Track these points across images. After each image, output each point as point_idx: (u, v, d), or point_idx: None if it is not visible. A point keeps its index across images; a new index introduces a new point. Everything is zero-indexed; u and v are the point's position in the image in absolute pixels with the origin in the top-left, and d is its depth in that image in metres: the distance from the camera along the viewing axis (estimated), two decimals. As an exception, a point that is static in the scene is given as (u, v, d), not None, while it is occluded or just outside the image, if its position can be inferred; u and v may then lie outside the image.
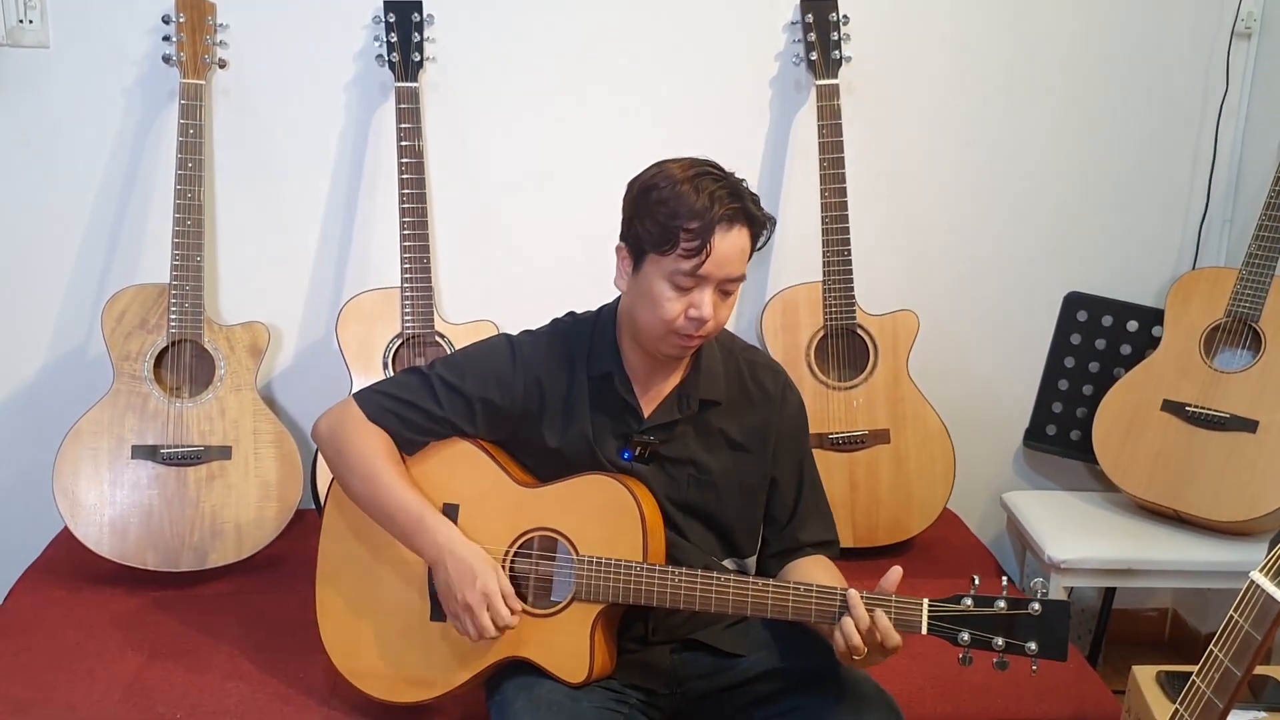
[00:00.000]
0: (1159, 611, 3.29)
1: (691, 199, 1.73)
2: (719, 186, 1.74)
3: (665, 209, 1.74)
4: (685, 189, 1.74)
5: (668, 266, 1.76)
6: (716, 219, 1.73)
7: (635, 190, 1.81)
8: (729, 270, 1.76)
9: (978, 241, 2.96)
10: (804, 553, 1.98)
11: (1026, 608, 1.65)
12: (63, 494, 2.44)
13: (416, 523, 1.85)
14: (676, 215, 1.73)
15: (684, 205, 1.73)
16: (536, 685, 1.83)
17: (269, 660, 2.17)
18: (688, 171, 1.76)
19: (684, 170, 1.77)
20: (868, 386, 2.70)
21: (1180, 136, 2.95)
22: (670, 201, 1.74)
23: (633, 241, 1.81)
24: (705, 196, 1.73)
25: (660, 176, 1.78)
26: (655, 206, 1.75)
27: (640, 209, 1.78)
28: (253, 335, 2.58)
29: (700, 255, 1.73)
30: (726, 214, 1.73)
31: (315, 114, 2.72)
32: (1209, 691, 1.40)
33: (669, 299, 1.77)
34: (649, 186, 1.78)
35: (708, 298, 1.77)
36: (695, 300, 1.77)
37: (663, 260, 1.76)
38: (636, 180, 1.82)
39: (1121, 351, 2.92)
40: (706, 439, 1.93)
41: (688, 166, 1.78)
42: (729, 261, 1.76)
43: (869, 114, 2.82)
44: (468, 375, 1.92)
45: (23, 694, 2.04)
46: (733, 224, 1.74)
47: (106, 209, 2.70)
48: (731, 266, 1.76)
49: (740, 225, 1.76)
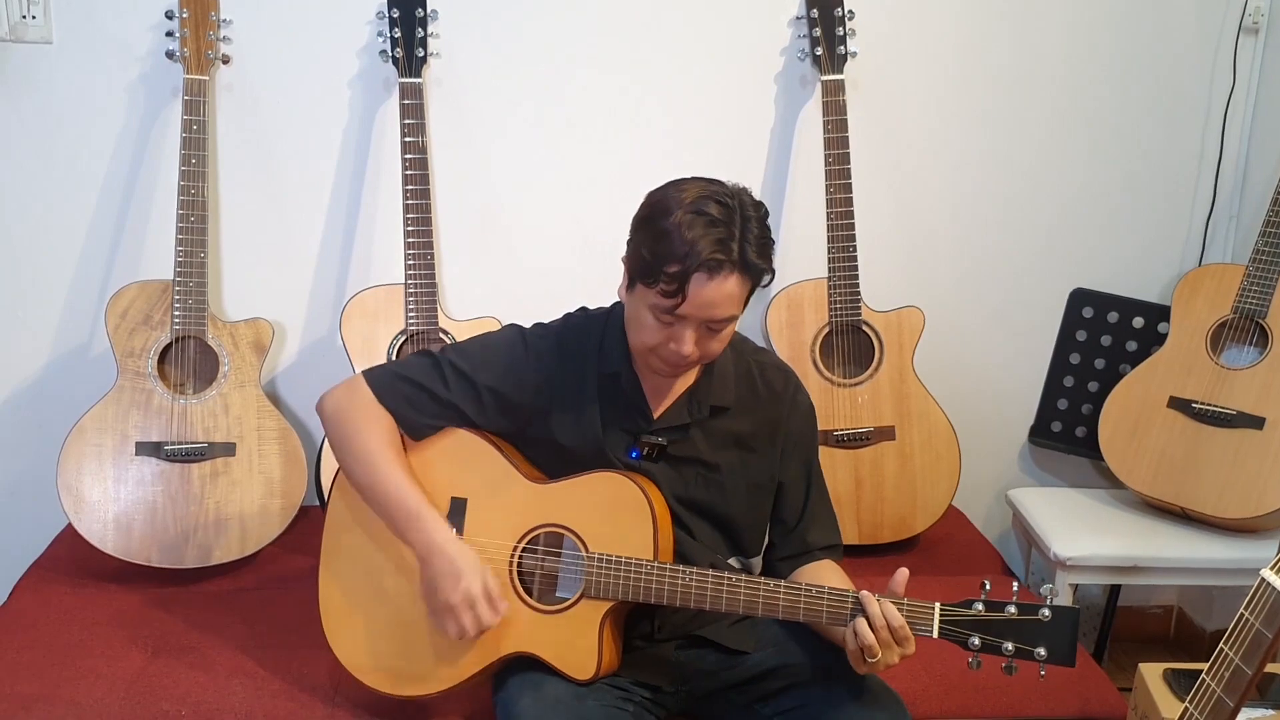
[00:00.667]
0: (1164, 609, 3.29)
1: (679, 238, 1.67)
2: (714, 231, 1.67)
3: (653, 243, 1.70)
4: (677, 225, 1.68)
5: (650, 299, 1.73)
6: (695, 267, 1.67)
7: (642, 211, 1.77)
8: (711, 314, 1.72)
9: (983, 237, 2.96)
10: (813, 556, 1.97)
11: (1037, 613, 1.65)
12: (67, 491, 2.44)
13: (411, 516, 1.84)
14: (659, 254, 1.69)
15: (671, 245, 1.68)
16: (542, 682, 1.83)
17: (273, 657, 2.17)
18: (690, 204, 1.69)
19: (690, 199, 1.70)
20: (873, 383, 2.69)
21: (1186, 132, 2.94)
22: (661, 237, 1.69)
23: (628, 261, 1.79)
24: (693, 238, 1.67)
25: (667, 200, 1.72)
26: (647, 237, 1.72)
27: (637, 234, 1.76)
28: (256, 332, 2.58)
29: (677, 298, 1.70)
30: (709, 263, 1.67)
31: (319, 109, 2.72)
32: (1219, 690, 1.39)
33: (650, 327, 1.76)
34: (651, 214, 1.74)
35: (688, 335, 1.74)
36: (676, 335, 1.74)
37: (647, 291, 1.73)
38: (648, 197, 1.78)
39: (1127, 348, 2.91)
40: (715, 439, 1.93)
41: (695, 196, 1.71)
42: (711, 306, 1.71)
43: (874, 109, 2.81)
44: (478, 363, 1.91)
45: (27, 690, 2.04)
46: (715, 273, 1.68)
47: (110, 205, 2.70)
48: (714, 310, 1.72)
49: (727, 274, 1.69)
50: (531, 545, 1.88)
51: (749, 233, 1.71)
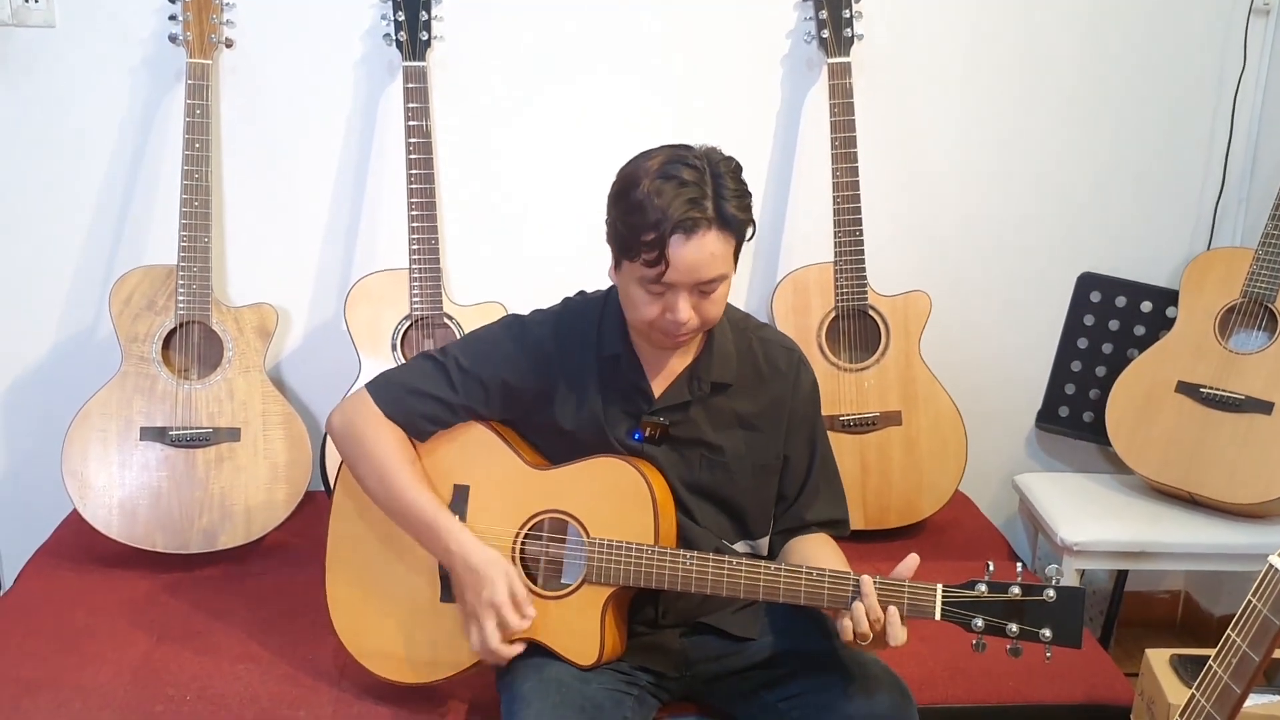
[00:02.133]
0: (1171, 594, 3.28)
1: (651, 205, 1.66)
2: (684, 191, 1.67)
3: (626, 217, 1.70)
4: (646, 193, 1.67)
5: (636, 272, 1.73)
6: (671, 230, 1.66)
7: (614, 188, 1.76)
8: (698, 275, 1.71)
9: (990, 221, 2.94)
10: (808, 530, 1.96)
11: (1041, 594, 1.64)
12: (71, 476, 2.44)
13: (429, 527, 1.84)
14: (634, 225, 1.68)
15: (644, 213, 1.67)
16: (546, 667, 1.83)
17: (278, 642, 2.17)
18: (657, 171, 1.69)
19: (656, 166, 1.70)
20: (879, 368, 2.68)
21: (1196, 115, 2.92)
22: (634, 209, 1.69)
23: (609, 241, 1.79)
24: (664, 203, 1.66)
25: (635, 173, 1.71)
26: (620, 212, 1.72)
27: (612, 211, 1.76)
28: (261, 317, 2.57)
29: (660, 265, 1.69)
30: (684, 223, 1.66)
31: (323, 93, 2.71)
32: (1226, 676, 1.38)
33: (644, 302, 1.75)
34: (622, 187, 1.73)
35: (682, 302, 1.73)
36: (669, 304, 1.74)
37: (631, 265, 1.73)
38: (618, 174, 1.77)
39: (1135, 332, 2.90)
40: (718, 419, 1.92)
41: (661, 163, 1.70)
42: (695, 268, 1.70)
43: (881, 92, 2.79)
44: (482, 358, 1.91)
45: (32, 675, 2.04)
46: (691, 233, 1.67)
47: (114, 190, 2.69)
48: (700, 272, 1.70)
49: (705, 231, 1.68)
50: (534, 532, 1.88)
51: (723, 188, 1.69)
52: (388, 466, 1.87)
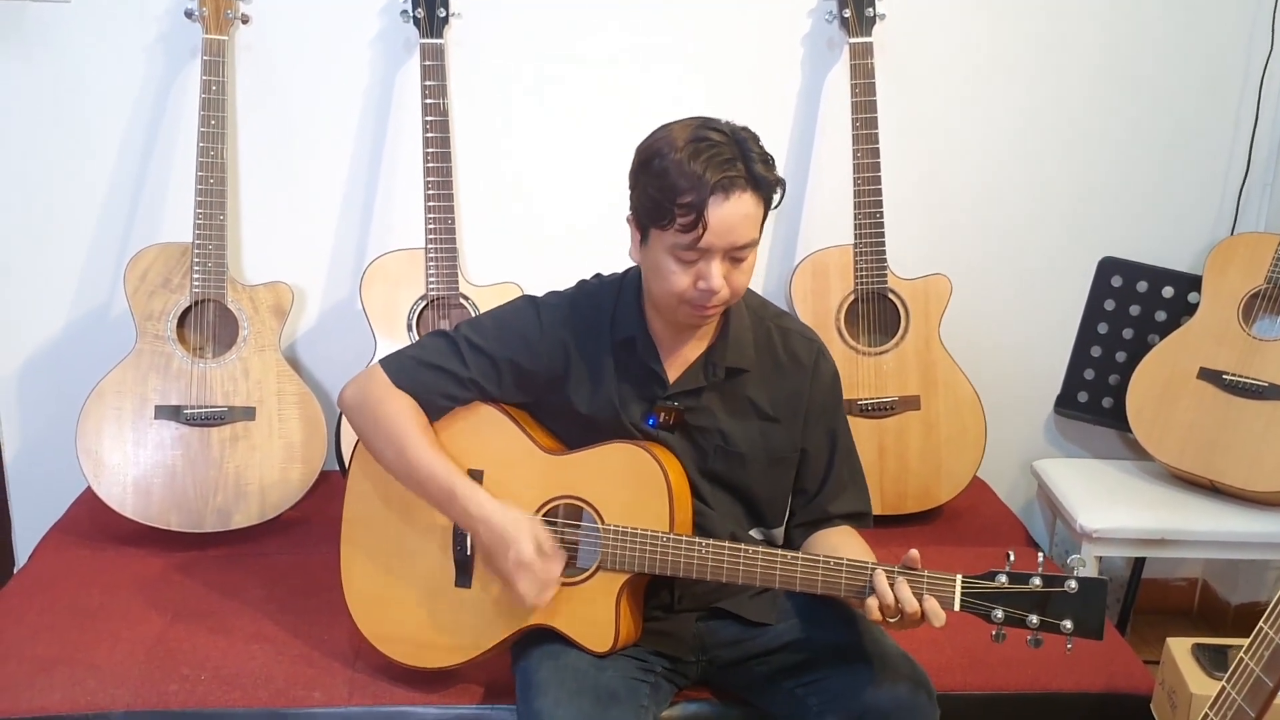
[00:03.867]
0: (1188, 581, 3.26)
1: (684, 169, 1.66)
2: (715, 153, 1.67)
3: (659, 182, 1.68)
4: (679, 158, 1.67)
5: (669, 240, 1.71)
6: (710, 190, 1.66)
7: (637, 160, 1.75)
8: (733, 239, 1.70)
9: (1012, 205, 2.91)
10: (832, 524, 1.95)
11: (1063, 585, 1.62)
12: (86, 454, 2.44)
13: (448, 492, 1.83)
14: (670, 189, 1.67)
15: (678, 177, 1.66)
16: (562, 653, 1.82)
17: (293, 623, 2.17)
18: (685, 137, 1.69)
19: (683, 134, 1.69)
20: (898, 352, 2.66)
21: (1221, 98, 2.88)
22: (665, 174, 1.68)
23: (636, 213, 1.77)
24: (699, 165, 1.66)
25: (659, 144, 1.71)
26: (651, 180, 1.70)
27: (639, 181, 1.74)
28: (276, 295, 2.56)
29: (697, 229, 1.67)
30: (721, 183, 1.66)
31: (339, 70, 2.69)
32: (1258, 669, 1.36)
33: (675, 272, 1.73)
34: (647, 158, 1.72)
35: (715, 268, 1.71)
36: (703, 272, 1.72)
37: (664, 234, 1.71)
38: (640, 147, 1.76)
39: (1156, 318, 2.87)
40: (734, 408, 1.90)
41: (687, 129, 1.70)
42: (730, 230, 1.69)
43: (903, 73, 2.76)
44: (493, 337, 1.89)
45: (47, 653, 2.04)
46: (729, 192, 1.67)
47: (129, 166, 2.68)
48: (735, 235, 1.70)
49: (740, 192, 1.68)
50: (549, 517, 1.87)
51: (749, 150, 1.70)
52: (403, 435, 1.86)
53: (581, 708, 1.72)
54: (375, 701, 1.96)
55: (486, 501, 1.82)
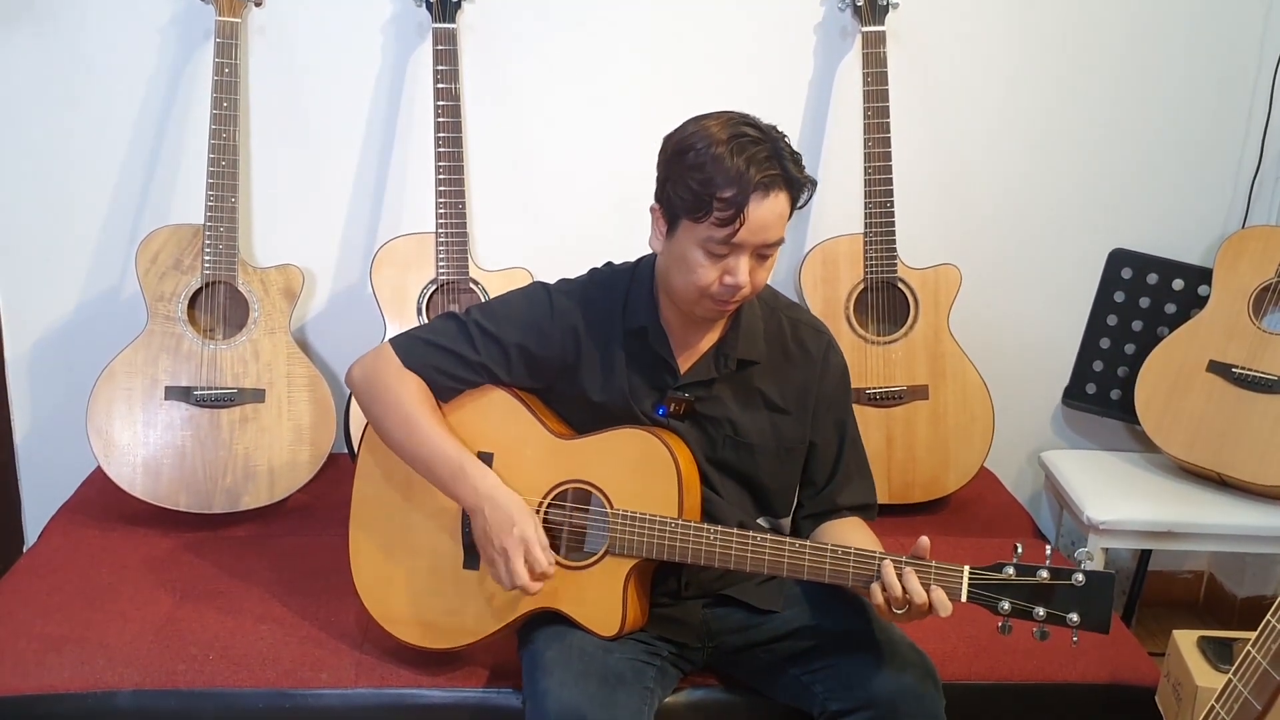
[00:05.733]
0: (1194, 574, 3.26)
1: (727, 164, 1.66)
2: (758, 150, 1.67)
3: (699, 175, 1.68)
4: (721, 152, 1.67)
5: (701, 233, 1.71)
6: (753, 187, 1.66)
7: (670, 150, 1.75)
8: (765, 236, 1.71)
9: (1022, 195, 2.90)
10: (839, 515, 1.95)
11: (1070, 578, 1.62)
12: (96, 434, 2.45)
13: (456, 470, 1.83)
14: (711, 182, 1.67)
15: (719, 172, 1.66)
16: (568, 636, 1.83)
17: (301, 604, 2.18)
18: (724, 132, 1.69)
19: (721, 129, 1.69)
20: (907, 341, 2.66)
21: (1234, 90, 2.87)
22: (705, 166, 1.68)
23: (666, 204, 1.76)
24: (742, 161, 1.66)
25: (696, 137, 1.71)
26: (689, 171, 1.69)
27: (674, 172, 1.73)
28: (287, 278, 2.56)
29: (735, 224, 1.68)
30: (764, 181, 1.67)
31: (351, 54, 2.68)
32: (1265, 662, 1.36)
33: (703, 265, 1.73)
34: (684, 148, 1.71)
35: (743, 264, 1.72)
36: (730, 267, 1.72)
37: (696, 227, 1.71)
38: (671, 138, 1.76)
39: (1166, 310, 2.86)
40: (744, 399, 1.90)
41: (725, 125, 1.70)
42: (765, 228, 1.70)
43: (915, 63, 2.76)
44: (504, 321, 1.90)
45: (56, 632, 2.05)
46: (769, 190, 1.68)
47: (141, 148, 2.68)
48: (768, 232, 1.71)
49: (778, 191, 1.69)
50: (558, 501, 1.87)
51: (784, 150, 1.71)
52: (410, 413, 1.86)
53: (587, 689, 1.73)
54: (381, 684, 1.97)
55: (495, 481, 1.82)
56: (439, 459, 1.84)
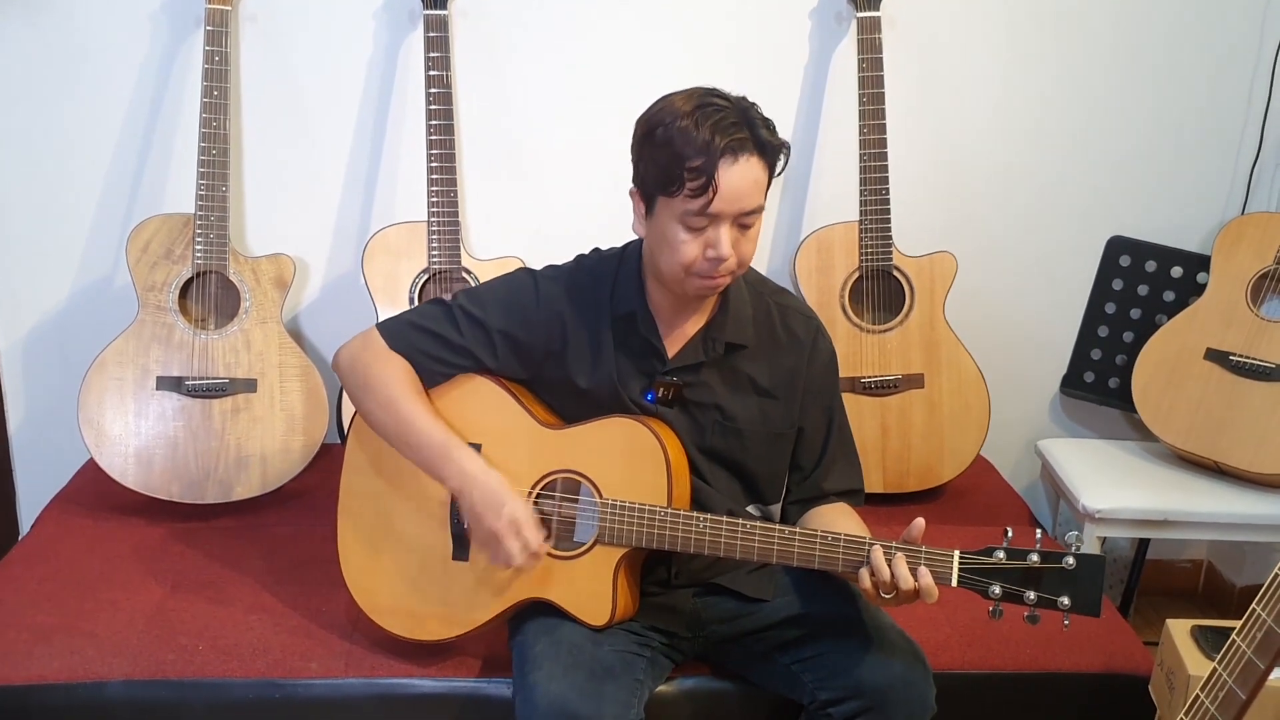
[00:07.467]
0: (1193, 563, 3.25)
1: (691, 135, 1.66)
2: (721, 117, 1.66)
3: (668, 149, 1.68)
4: (685, 124, 1.66)
5: (678, 208, 1.70)
6: (719, 153, 1.65)
7: (639, 131, 1.75)
8: (742, 204, 1.70)
9: (1019, 183, 2.88)
10: (827, 500, 1.94)
11: (1060, 561, 1.61)
12: (88, 425, 2.44)
13: (442, 453, 1.82)
14: (679, 155, 1.67)
15: (684, 143, 1.66)
16: (558, 627, 1.82)
17: (292, 594, 2.17)
18: (689, 105, 1.69)
19: (685, 103, 1.69)
20: (903, 330, 2.65)
21: (1234, 75, 2.85)
22: (673, 141, 1.67)
23: (642, 184, 1.76)
24: (707, 130, 1.65)
25: (662, 113, 1.71)
26: (658, 148, 1.69)
27: (644, 151, 1.73)
28: (278, 267, 2.56)
29: (707, 194, 1.67)
30: (730, 146, 1.66)
31: (342, 41, 2.67)
32: (1250, 651, 1.35)
33: (684, 241, 1.72)
34: (651, 127, 1.71)
35: (724, 235, 1.71)
36: (711, 239, 1.71)
37: (672, 202, 1.70)
38: (641, 119, 1.75)
39: (1164, 298, 2.85)
40: (733, 384, 1.89)
41: (689, 99, 1.70)
42: (740, 195, 1.69)
43: (911, 49, 2.74)
44: (489, 306, 1.89)
45: (46, 621, 2.05)
46: (738, 155, 1.67)
47: (132, 136, 2.67)
48: (744, 200, 1.69)
49: (748, 155, 1.68)
50: (547, 491, 1.86)
51: (754, 116, 1.70)
52: (395, 395, 1.85)
53: (576, 681, 1.72)
54: (372, 674, 1.96)
55: (481, 464, 1.81)
56: (425, 442, 1.83)
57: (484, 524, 1.78)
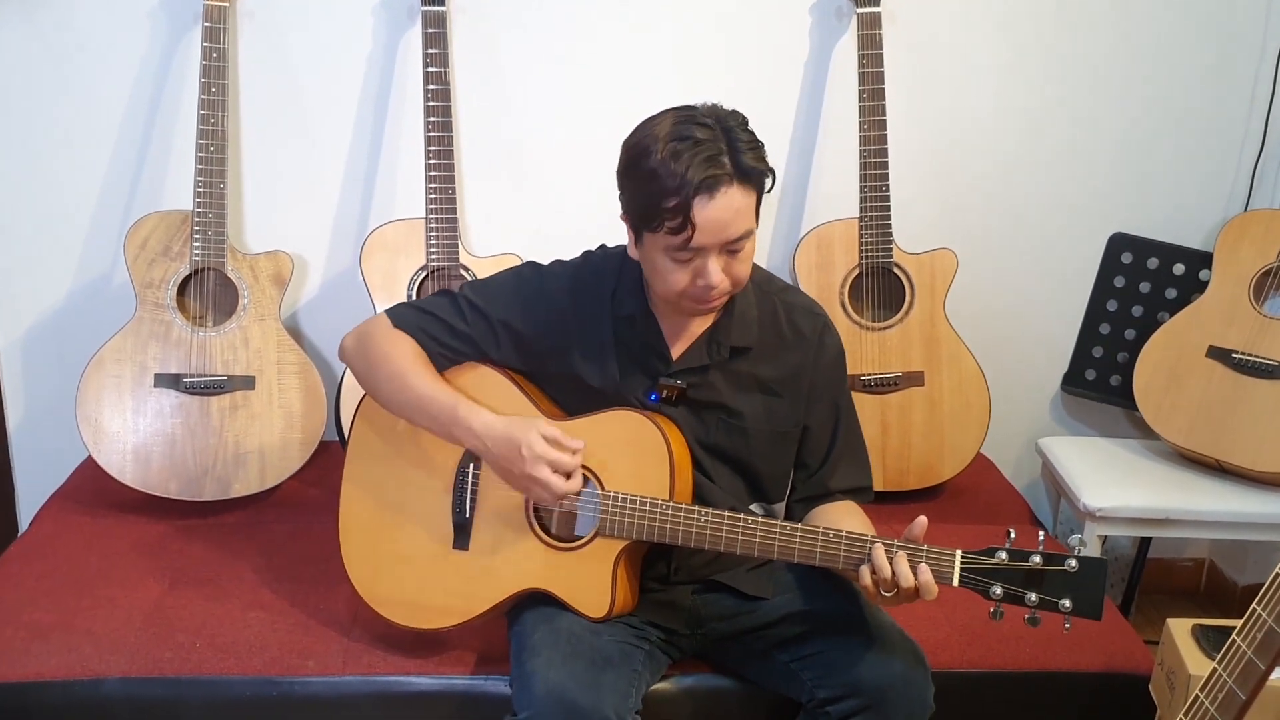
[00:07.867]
0: (1195, 562, 3.24)
1: (665, 174, 1.63)
2: (697, 150, 1.62)
3: (645, 188, 1.66)
4: (661, 160, 1.63)
5: (661, 242, 1.69)
6: (694, 191, 1.62)
7: (621, 161, 1.73)
8: (726, 234, 1.67)
9: (1020, 179, 2.87)
10: (833, 498, 1.93)
11: (1063, 564, 1.61)
12: (86, 422, 2.43)
13: (450, 414, 1.82)
14: (654, 195, 1.64)
15: (658, 184, 1.63)
16: (557, 618, 1.82)
17: (290, 590, 2.17)
18: (667, 137, 1.65)
19: (665, 133, 1.65)
20: (903, 327, 2.64)
21: (1237, 70, 2.83)
22: (647, 179, 1.65)
23: (627, 215, 1.75)
24: (680, 167, 1.62)
25: (638, 148, 1.68)
26: (637, 184, 1.68)
27: (625, 184, 1.72)
28: (276, 265, 2.55)
29: (685, 231, 1.65)
30: (706, 183, 1.62)
31: (341, 37, 2.66)
32: (1250, 651, 1.34)
33: (672, 271, 1.71)
34: (631, 159, 1.69)
35: (711, 264, 1.69)
36: (699, 269, 1.70)
37: (655, 236, 1.69)
38: (624, 145, 1.73)
39: (1166, 295, 2.84)
40: (738, 384, 1.88)
41: (670, 126, 1.66)
42: (723, 227, 1.66)
43: (912, 44, 2.73)
44: (493, 298, 1.90)
45: (44, 619, 2.05)
46: (714, 191, 1.63)
47: (130, 133, 2.66)
48: (728, 230, 1.67)
49: (726, 187, 1.64)
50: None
51: (736, 141, 1.65)
52: (402, 367, 1.86)
53: (574, 670, 1.72)
54: (369, 671, 1.96)
55: (489, 417, 1.81)
56: (434, 406, 1.83)
57: (513, 473, 1.78)
